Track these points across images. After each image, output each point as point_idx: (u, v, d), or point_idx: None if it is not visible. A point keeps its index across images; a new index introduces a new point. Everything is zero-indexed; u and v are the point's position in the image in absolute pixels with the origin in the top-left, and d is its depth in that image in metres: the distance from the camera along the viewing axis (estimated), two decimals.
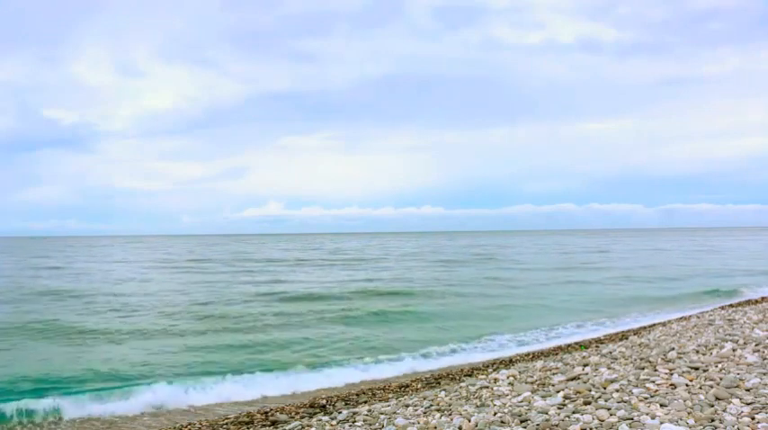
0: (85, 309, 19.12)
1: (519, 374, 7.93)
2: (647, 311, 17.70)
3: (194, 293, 23.68)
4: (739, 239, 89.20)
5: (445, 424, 5.55)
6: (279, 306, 19.91)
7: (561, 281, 27.78)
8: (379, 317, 17.50)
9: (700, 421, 4.51)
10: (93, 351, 13.09)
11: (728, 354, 6.95)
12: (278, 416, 8.00)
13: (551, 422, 4.86)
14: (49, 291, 24.46)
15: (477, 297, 22.28)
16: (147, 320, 16.95)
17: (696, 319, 13.11)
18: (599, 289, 24.49)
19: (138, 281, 29.90)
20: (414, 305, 19.98)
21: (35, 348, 13.37)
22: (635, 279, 28.38)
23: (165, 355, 12.53)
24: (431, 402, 6.90)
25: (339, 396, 9.19)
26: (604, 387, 5.91)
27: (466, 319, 17.06)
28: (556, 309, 18.80)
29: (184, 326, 15.97)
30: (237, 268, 39.45)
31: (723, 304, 18.29)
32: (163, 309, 19.12)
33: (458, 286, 26.06)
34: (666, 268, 34.72)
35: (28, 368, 11.28)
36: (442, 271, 35.85)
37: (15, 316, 17.69)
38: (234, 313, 18.07)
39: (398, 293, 23.27)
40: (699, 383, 5.61)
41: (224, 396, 9.62)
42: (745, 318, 11.23)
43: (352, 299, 21.86)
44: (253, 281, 29.27)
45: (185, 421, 8.38)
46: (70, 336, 14.65)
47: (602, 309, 18.40)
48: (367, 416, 6.68)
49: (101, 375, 10.88)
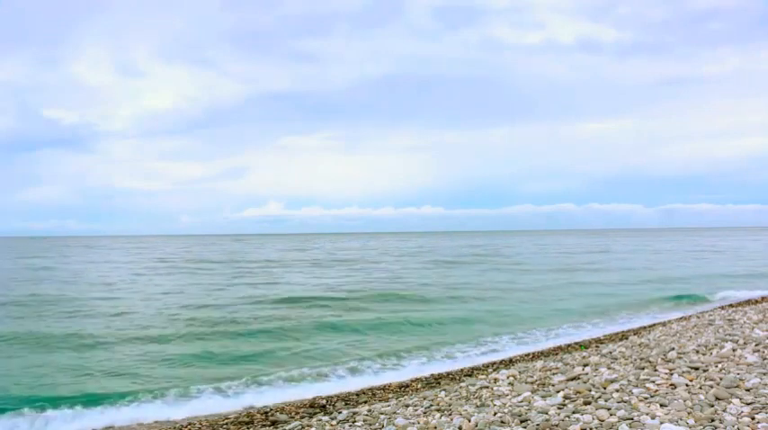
0: (66, 315, 18.43)
1: (519, 374, 7.93)
2: (583, 322, 16.42)
3: (179, 295, 23.18)
4: (731, 240, 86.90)
5: (445, 424, 5.55)
6: (270, 309, 19.32)
7: (562, 283, 27.39)
8: (374, 321, 16.95)
9: (700, 421, 4.51)
10: (65, 359, 12.44)
11: (728, 354, 6.95)
12: (278, 416, 8.00)
13: (551, 422, 4.86)
14: (32, 295, 23.61)
15: (474, 299, 22.04)
16: (130, 326, 16.20)
17: (696, 319, 13.11)
18: (582, 292, 23.52)
19: (125, 283, 29.19)
20: (411, 307, 19.71)
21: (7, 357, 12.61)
22: (607, 284, 26.76)
23: (146, 364, 11.89)
24: (431, 402, 6.90)
25: (339, 396, 9.18)
26: (604, 387, 5.91)
27: (464, 323, 16.69)
28: (554, 312, 18.43)
29: (170, 331, 15.32)
30: (233, 269, 38.95)
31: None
32: (147, 313, 18.52)
33: (455, 287, 25.80)
34: (643, 271, 33.28)
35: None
36: (438, 271, 35.57)
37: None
38: (224, 318, 17.46)
39: (394, 295, 22.99)
40: (699, 383, 5.61)
41: (204, 409, 8.92)
42: (745, 318, 11.23)
43: (348, 300, 21.54)
44: (247, 283, 28.81)
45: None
46: (46, 344, 13.85)
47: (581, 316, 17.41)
48: (367, 416, 6.68)
49: (71, 386, 10.20)
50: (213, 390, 9.86)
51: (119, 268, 41.90)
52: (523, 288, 25.29)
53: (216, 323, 16.70)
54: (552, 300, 21.28)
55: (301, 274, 34.41)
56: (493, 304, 20.39)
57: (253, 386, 10.18)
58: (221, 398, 9.51)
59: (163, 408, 8.97)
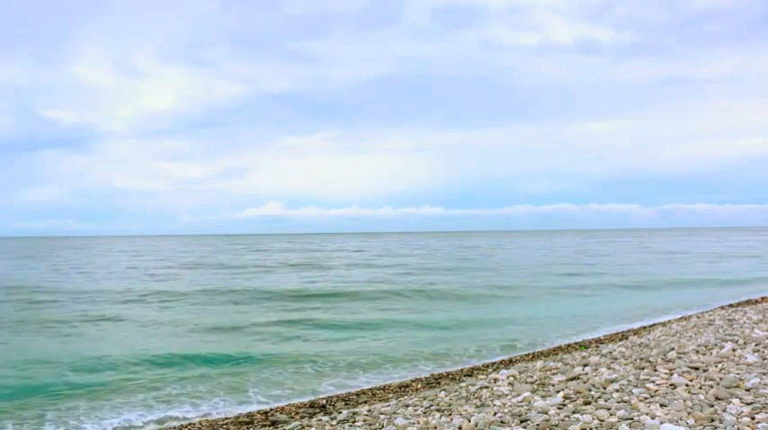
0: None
1: (519, 374, 7.93)
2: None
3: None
4: (725, 241, 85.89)
5: (445, 424, 5.55)
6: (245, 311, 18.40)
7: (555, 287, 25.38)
8: (364, 325, 15.95)
9: (700, 421, 4.51)
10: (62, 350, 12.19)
11: (728, 354, 6.96)
12: (278, 416, 8.00)
13: (551, 422, 4.87)
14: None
15: (472, 300, 21.57)
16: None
17: (696, 319, 13.12)
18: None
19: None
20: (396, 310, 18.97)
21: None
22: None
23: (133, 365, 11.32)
24: (431, 402, 6.91)
25: (339, 396, 9.18)
26: (604, 387, 5.91)
27: (455, 329, 15.45)
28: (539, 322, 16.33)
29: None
30: (217, 271, 36.94)
31: (723, 305, 17.93)
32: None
33: (451, 289, 24.86)
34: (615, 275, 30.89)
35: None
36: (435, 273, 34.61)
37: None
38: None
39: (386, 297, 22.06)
40: (699, 383, 5.62)
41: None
42: (745, 318, 11.23)
43: (335, 302, 20.66)
44: (223, 285, 26.89)
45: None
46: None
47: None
48: (367, 416, 6.68)
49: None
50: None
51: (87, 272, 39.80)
52: (514, 297, 23.00)
53: (185, 325, 16.00)
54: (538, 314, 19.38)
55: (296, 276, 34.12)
56: (485, 311, 19.74)
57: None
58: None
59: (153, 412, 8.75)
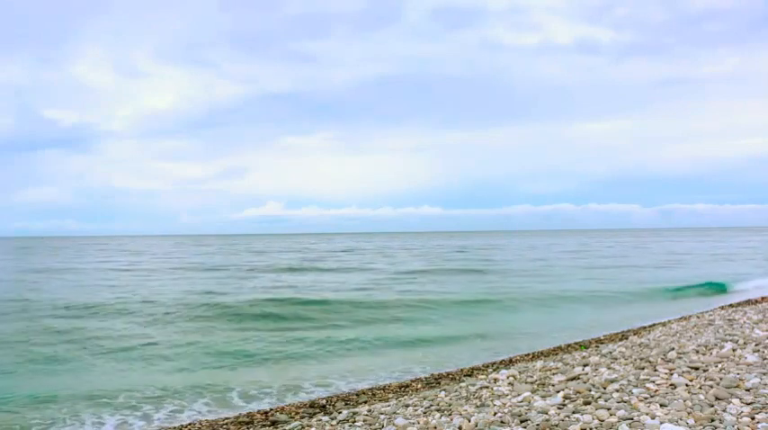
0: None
1: (519, 374, 7.93)
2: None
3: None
4: (721, 240, 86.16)
5: (445, 424, 5.55)
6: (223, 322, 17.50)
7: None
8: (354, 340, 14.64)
9: (700, 421, 4.51)
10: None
11: (728, 354, 6.96)
12: (278, 416, 8.00)
13: (551, 422, 4.86)
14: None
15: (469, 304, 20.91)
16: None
17: (696, 319, 13.12)
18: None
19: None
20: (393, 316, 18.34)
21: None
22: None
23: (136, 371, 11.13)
24: (431, 402, 6.90)
25: (339, 396, 9.18)
26: (604, 387, 5.90)
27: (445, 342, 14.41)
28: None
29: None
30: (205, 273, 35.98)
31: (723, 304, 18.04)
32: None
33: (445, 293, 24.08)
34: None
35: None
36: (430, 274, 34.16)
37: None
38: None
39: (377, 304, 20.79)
40: (699, 383, 5.61)
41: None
42: (745, 318, 11.23)
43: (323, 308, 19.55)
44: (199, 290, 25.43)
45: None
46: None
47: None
48: (367, 416, 6.68)
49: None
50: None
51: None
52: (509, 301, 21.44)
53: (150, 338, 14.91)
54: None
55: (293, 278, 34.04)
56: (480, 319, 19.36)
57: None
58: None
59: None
